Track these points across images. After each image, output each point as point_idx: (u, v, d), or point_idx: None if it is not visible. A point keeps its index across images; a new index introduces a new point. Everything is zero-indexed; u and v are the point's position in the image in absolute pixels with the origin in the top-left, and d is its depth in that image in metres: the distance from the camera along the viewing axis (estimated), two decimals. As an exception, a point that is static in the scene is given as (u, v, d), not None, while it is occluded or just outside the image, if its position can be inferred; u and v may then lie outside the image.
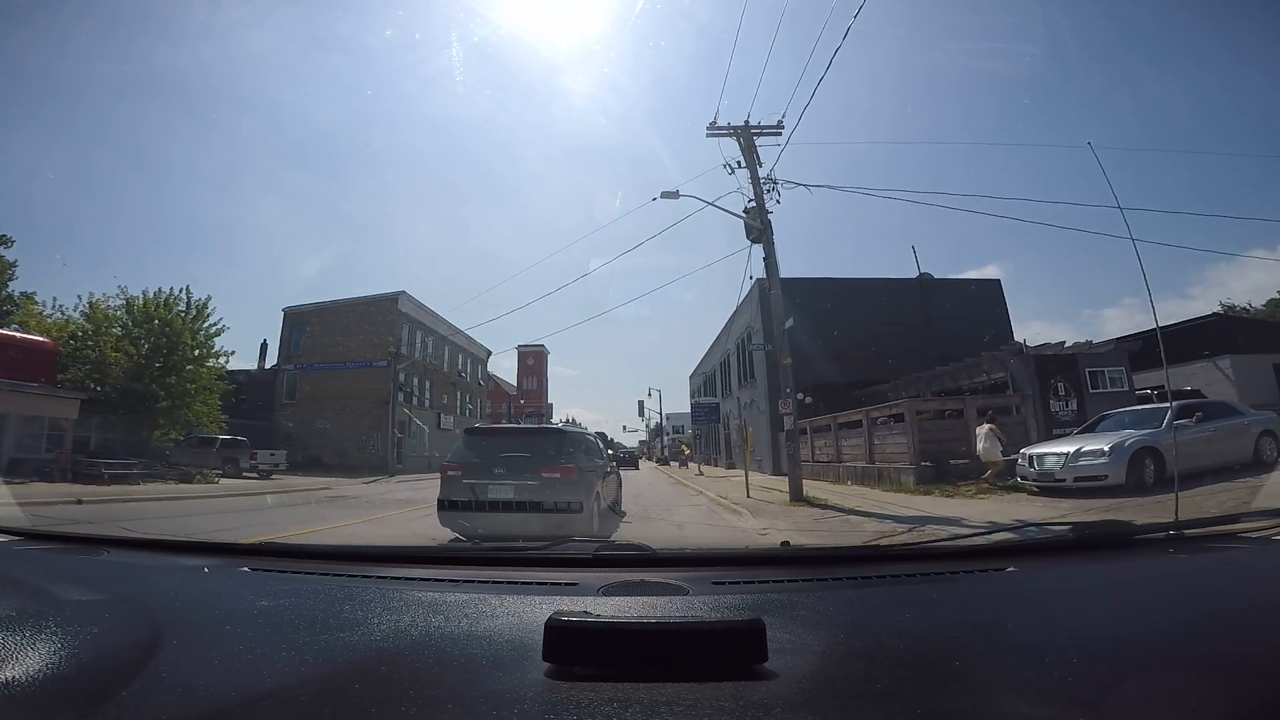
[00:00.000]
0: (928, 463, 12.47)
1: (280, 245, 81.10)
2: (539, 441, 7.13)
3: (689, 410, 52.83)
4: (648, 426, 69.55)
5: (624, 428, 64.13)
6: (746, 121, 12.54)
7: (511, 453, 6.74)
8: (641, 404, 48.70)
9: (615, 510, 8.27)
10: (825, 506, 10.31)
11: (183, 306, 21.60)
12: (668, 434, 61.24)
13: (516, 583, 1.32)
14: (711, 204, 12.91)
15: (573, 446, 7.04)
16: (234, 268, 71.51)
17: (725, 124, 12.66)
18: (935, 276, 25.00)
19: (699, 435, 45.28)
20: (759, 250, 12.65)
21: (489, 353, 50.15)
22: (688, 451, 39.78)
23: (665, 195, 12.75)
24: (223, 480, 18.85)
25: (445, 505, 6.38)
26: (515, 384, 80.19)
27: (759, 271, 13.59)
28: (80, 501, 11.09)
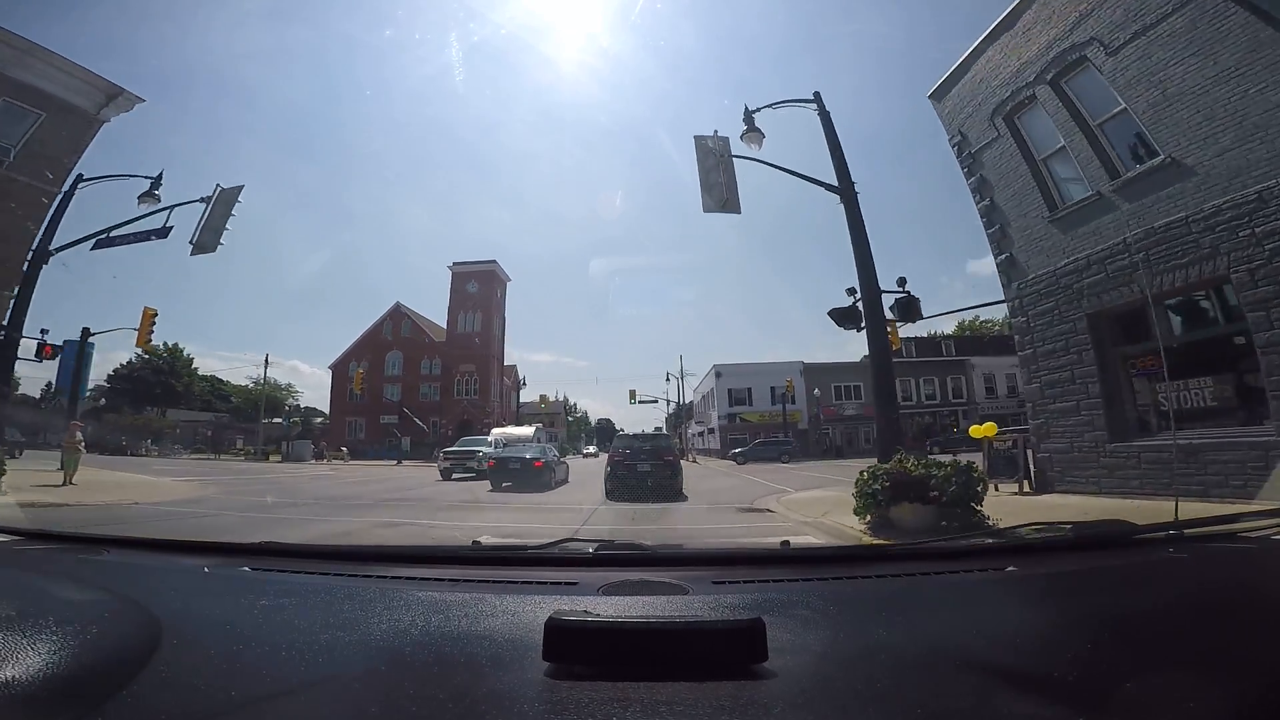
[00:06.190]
0: None
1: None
2: (657, 441, 14.67)
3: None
4: (670, 402, 43.47)
5: (631, 394, 44.73)
6: None
7: (645, 446, 13.90)
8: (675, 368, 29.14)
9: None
10: None
11: None
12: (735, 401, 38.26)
13: (516, 582, 1.32)
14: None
15: (673, 444, 15.78)
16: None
17: None
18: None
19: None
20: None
21: (134, 99, 13.25)
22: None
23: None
24: None
25: (611, 473, 13.12)
26: (450, 322, 50.30)
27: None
28: None
